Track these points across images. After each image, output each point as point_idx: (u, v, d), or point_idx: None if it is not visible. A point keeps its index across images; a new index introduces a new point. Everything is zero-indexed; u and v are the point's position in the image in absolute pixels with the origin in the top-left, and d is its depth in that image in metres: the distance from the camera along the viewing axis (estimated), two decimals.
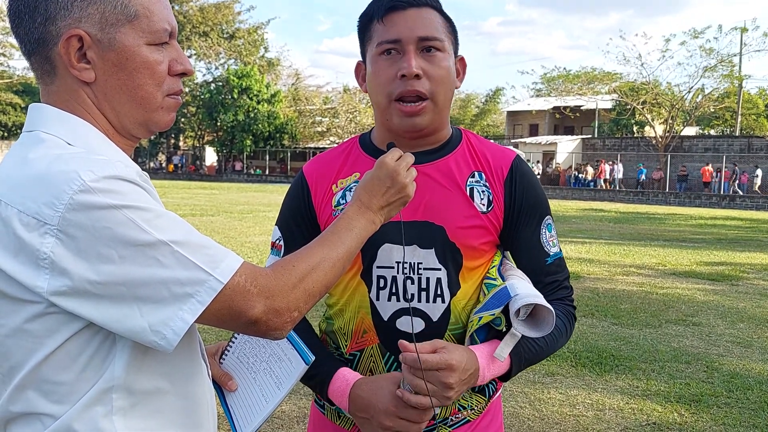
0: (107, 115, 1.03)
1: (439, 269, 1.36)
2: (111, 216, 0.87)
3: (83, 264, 0.87)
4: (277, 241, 1.49)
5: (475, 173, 1.41)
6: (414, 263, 1.36)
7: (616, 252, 11.16)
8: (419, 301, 1.36)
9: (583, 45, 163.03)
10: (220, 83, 46.63)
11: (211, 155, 50.59)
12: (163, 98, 1.05)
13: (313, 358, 1.23)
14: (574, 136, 39.99)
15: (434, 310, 1.36)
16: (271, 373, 1.27)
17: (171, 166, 48.86)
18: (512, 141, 40.82)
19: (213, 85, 47.84)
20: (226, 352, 1.35)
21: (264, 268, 0.99)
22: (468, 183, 1.40)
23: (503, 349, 1.30)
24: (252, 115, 43.48)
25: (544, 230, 1.43)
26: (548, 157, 37.66)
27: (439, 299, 1.36)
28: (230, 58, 50.13)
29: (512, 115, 49.76)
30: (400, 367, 1.26)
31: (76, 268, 0.87)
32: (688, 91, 35.00)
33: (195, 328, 1.07)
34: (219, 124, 44.88)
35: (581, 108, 41.32)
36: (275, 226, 1.52)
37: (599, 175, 32.94)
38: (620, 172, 32.56)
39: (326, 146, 43.95)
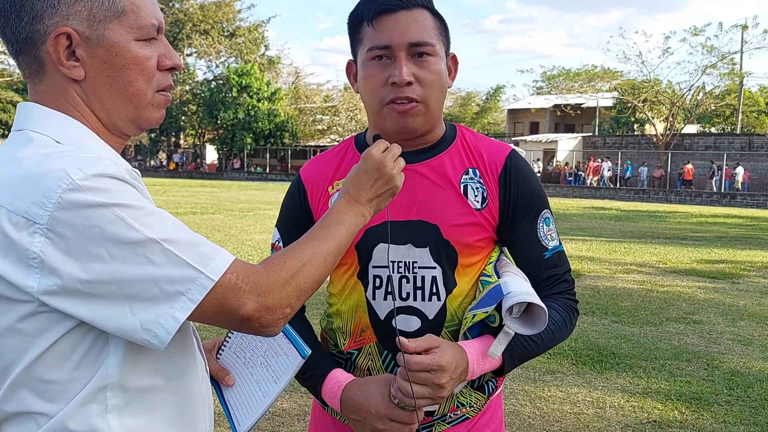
0: (97, 112, 1.02)
1: (434, 267, 1.36)
2: (100, 214, 0.86)
3: (73, 263, 0.86)
4: (277, 243, 1.50)
5: (470, 170, 1.41)
6: (409, 262, 1.36)
7: (617, 250, 11.15)
8: (415, 299, 1.36)
9: (583, 43, 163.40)
10: (221, 81, 46.67)
11: (211, 153, 50.70)
12: (154, 94, 1.04)
13: (310, 351, 1.23)
14: (575, 134, 39.98)
15: (430, 309, 1.36)
16: (268, 368, 1.27)
17: (172, 164, 48.95)
18: (513, 139, 40.80)
19: (213, 83, 47.90)
20: (222, 348, 1.35)
21: (255, 265, 0.98)
22: (462, 180, 1.39)
23: (497, 347, 1.30)
24: (252, 113, 43.49)
25: (541, 224, 1.42)
26: (549, 155, 37.65)
27: (434, 297, 1.36)
28: (231, 56, 50.14)
29: (513, 113, 49.72)
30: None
31: (66, 267, 0.86)
32: (689, 89, 34.98)
33: (189, 325, 1.07)
34: (219, 122, 44.89)
35: (582, 106, 41.26)
36: (275, 228, 1.53)
37: (590, 173, 33.07)
38: (610, 170, 32.67)
39: (327, 144, 44.00)
